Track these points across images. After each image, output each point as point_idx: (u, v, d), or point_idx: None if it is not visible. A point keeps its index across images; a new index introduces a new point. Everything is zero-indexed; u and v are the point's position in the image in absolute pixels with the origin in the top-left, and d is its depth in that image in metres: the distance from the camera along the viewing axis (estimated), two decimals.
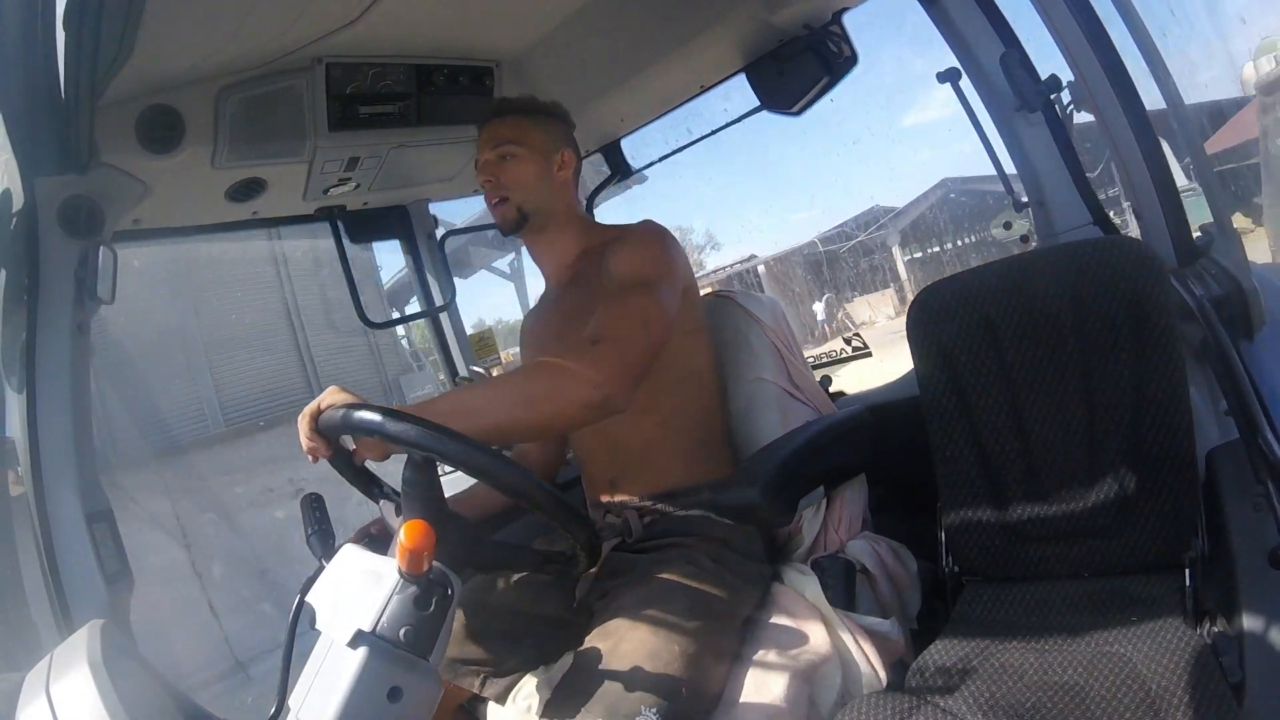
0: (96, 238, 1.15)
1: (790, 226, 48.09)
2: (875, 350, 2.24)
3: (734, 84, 1.72)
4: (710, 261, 19.23)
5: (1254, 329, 1.15)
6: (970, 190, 15.51)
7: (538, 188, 1.32)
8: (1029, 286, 1.18)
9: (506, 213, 1.31)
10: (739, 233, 47.31)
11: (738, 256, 18.98)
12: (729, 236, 45.04)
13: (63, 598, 1.04)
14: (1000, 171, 1.39)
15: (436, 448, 0.83)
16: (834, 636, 1.07)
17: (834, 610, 1.08)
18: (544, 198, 1.32)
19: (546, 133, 1.34)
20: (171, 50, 1.14)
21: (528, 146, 1.31)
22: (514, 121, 1.32)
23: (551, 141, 1.34)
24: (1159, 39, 1.29)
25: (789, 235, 45.96)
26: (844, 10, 1.52)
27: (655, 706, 0.91)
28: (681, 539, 1.15)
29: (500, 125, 1.32)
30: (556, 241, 1.36)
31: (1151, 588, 1.06)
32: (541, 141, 1.33)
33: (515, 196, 1.30)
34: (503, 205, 1.31)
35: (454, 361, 2.10)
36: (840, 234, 16.66)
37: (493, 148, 1.31)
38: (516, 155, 1.31)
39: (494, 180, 1.30)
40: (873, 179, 42.63)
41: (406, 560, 0.75)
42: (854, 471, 1.29)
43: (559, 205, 1.34)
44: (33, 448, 1.07)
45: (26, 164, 1.07)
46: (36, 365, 1.08)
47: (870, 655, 1.06)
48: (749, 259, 16.83)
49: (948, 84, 1.34)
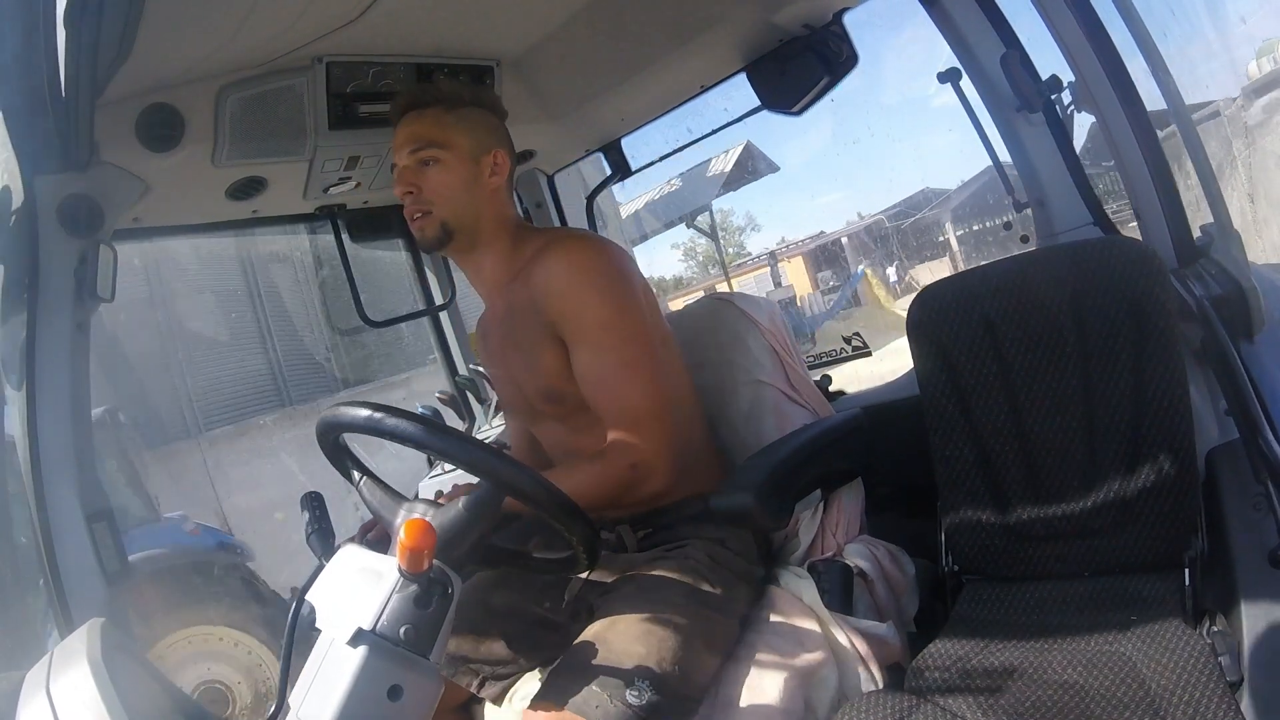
0: (96, 236, 1.16)
1: (818, 209, 48.67)
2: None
3: (734, 83, 1.72)
4: (750, 243, 21.05)
5: (1254, 329, 1.15)
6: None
7: (464, 199, 1.14)
8: (1029, 286, 1.18)
9: (427, 228, 1.14)
10: (776, 215, 47.72)
11: (777, 238, 22.52)
12: (768, 218, 45.43)
13: (63, 597, 1.04)
14: (1000, 171, 1.39)
15: (438, 445, 0.83)
16: (831, 640, 1.07)
17: (831, 614, 1.08)
18: (471, 210, 1.15)
19: (474, 130, 1.16)
20: (171, 49, 1.14)
21: (453, 150, 1.14)
22: (435, 117, 1.14)
23: (480, 142, 1.16)
24: (1159, 39, 1.29)
25: (820, 217, 48.32)
26: (844, 10, 1.52)
27: (647, 679, 0.91)
28: (679, 543, 1.15)
29: (419, 122, 1.14)
30: (485, 259, 1.19)
31: (1151, 587, 1.06)
32: (469, 143, 1.15)
33: (439, 211, 1.13)
34: (423, 219, 1.14)
35: (454, 361, 2.10)
36: (901, 212, 18.20)
37: (411, 150, 1.13)
38: (440, 160, 1.13)
39: (414, 191, 1.13)
40: (903, 163, 44.21)
41: (407, 559, 0.75)
42: (850, 475, 1.29)
43: (488, 217, 1.17)
44: (33, 447, 1.07)
45: (27, 162, 1.07)
46: (36, 364, 1.08)
47: (867, 658, 1.06)
48: (819, 235, 19.96)
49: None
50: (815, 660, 1.05)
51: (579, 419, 1.16)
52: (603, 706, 0.89)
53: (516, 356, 1.18)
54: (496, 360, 1.27)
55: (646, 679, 0.91)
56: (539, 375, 1.15)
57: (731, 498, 1.08)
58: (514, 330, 1.17)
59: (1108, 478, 1.11)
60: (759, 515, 1.06)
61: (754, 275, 18.26)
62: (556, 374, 1.13)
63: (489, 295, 1.24)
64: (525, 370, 1.17)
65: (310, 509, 0.98)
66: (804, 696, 1.03)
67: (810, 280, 18.25)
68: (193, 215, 1.57)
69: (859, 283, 14.78)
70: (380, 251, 2.03)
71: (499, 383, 1.32)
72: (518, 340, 1.16)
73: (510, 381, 1.24)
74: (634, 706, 0.89)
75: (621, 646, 0.95)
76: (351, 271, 1.87)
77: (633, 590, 1.06)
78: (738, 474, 1.14)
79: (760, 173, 14.21)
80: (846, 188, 49.19)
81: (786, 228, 47.14)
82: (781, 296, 14.91)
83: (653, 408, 1.08)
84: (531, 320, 1.13)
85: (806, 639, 1.06)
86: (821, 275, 18.38)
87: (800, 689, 1.02)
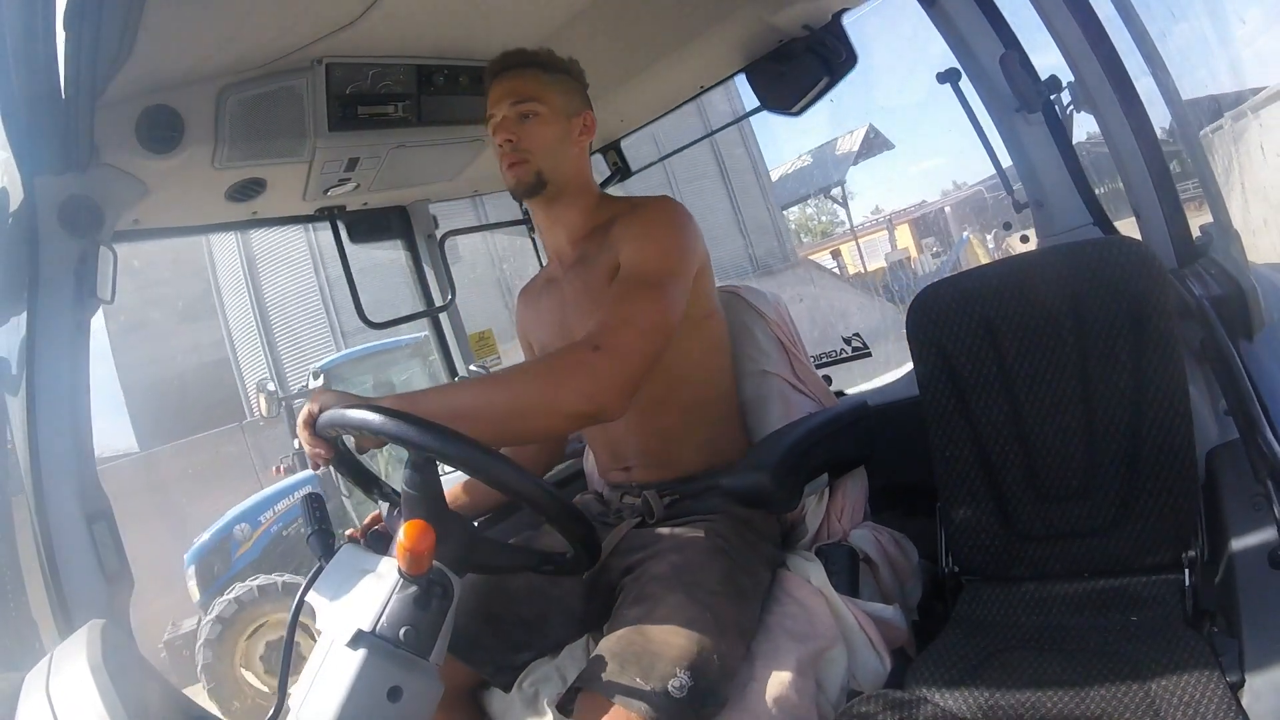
0: (96, 237, 1.15)
1: (910, 179, 50.22)
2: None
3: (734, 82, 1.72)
4: (842, 213, 22.31)
5: (1253, 329, 1.15)
6: (1096, 152, 17.78)
7: (558, 151, 1.23)
8: (1029, 287, 1.18)
9: (523, 175, 1.21)
10: (868, 184, 48.54)
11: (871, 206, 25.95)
12: (858, 186, 45.75)
13: (63, 598, 1.04)
14: (1000, 171, 1.39)
15: (436, 446, 0.83)
16: (839, 622, 1.09)
17: (839, 596, 1.10)
18: (564, 163, 1.24)
19: (567, 93, 1.26)
20: (171, 50, 1.14)
21: (550, 106, 1.22)
22: (534, 76, 1.23)
23: (572, 103, 1.26)
24: (1159, 40, 1.29)
25: (918, 185, 50.75)
26: (844, 11, 1.52)
27: (689, 671, 0.92)
28: (706, 515, 1.16)
29: (520, 80, 1.22)
30: (568, 213, 1.27)
31: (1151, 587, 1.06)
32: (563, 103, 1.24)
33: (535, 160, 1.21)
34: (520, 167, 1.21)
35: (454, 361, 2.10)
36: (999, 183, 20.19)
37: (512, 103, 1.21)
38: (539, 114, 1.21)
39: (513, 139, 1.20)
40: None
41: (406, 560, 0.75)
42: (856, 461, 1.31)
43: (576, 171, 1.26)
44: (33, 447, 1.06)
45: (27, 163, 1.07)
46: (36, 364, 1.07)
47: (875, 640, 1.08)
48: (920, 204, 23.25)
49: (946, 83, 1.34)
50: (826, 642, 1.06)
51: None
52: (648, 699, 0.90)
53: (589, 304, 1.21)
54: (550, 318, 1.31)
55: (687, 670, 0.92)
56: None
57: (746, 476, 1.10)
58: (587, 276, 1.22)
59: (1107, 478, 1.12)
60: (775, 494, 1.08)
61: (874, 238, 20.24)
62: None
63: (561, 247, 1.30)
64: (593, 310, 1.18)
65: (310, 510, 0.97)
66: (815, 675, 1.04)
67: (915, 244, 19.99)
68: (193, 217, 1.57)
69: (964, 248, 15.98)
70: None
71: (550, 348, 1.32)
72: (591, 285, 1.21)
73: (567, 335, 1.26)
74: (677, 699, 0.90)
75: (661, 636, 0.96)
76: (351, 272, 1.87)
77: (667, 571, 1.06)
78: (750, 455, 1.15)
79: (880, 149, 17.41)
80: (942, 155, 49.94)
81: (886, 195, 49.11)
82: (897, 258, 17.60)
83: (642, 327, 1.04)
84: (607, 260, 1.18)
85: (817, 620, 1.08)
86: (926, 241, 20.19)
87: (813, 669, 1.04)
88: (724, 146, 13.56)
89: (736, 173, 14.36)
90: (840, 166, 16.92)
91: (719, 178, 13.99)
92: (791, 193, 17.73)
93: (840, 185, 17.34)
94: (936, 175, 55.94)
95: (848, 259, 18.68)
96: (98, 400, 1.16)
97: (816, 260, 16.91)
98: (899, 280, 15.26)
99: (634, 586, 1.07)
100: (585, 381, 0.96)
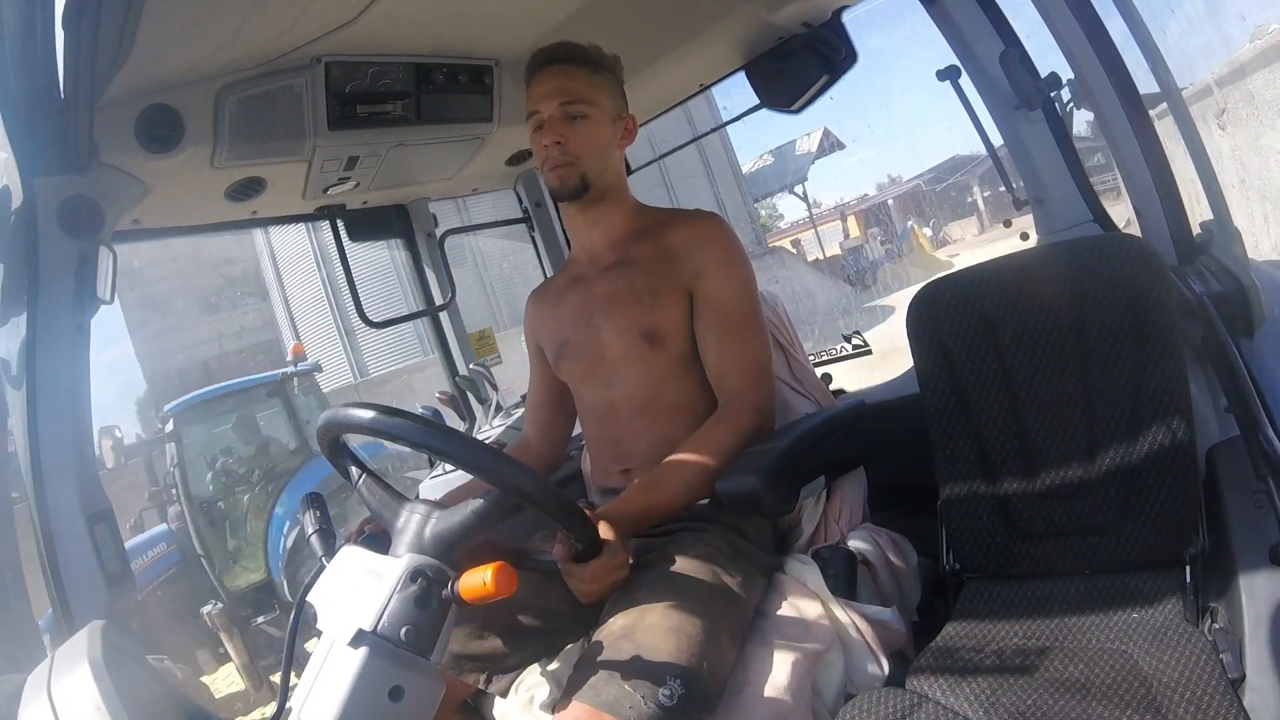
0: (96, 237, 1.15)
1: (850, 168, 52.79)
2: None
3: (735, 81, 1.73)
4: (781, 207, 26.19)
5: (1254, 326, 1.15)
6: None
7: (605, 155, 1.21)
8: (1029, 284, 1.18)
9: (569, 178, 1.19)
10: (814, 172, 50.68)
11: (825, 198, 29.87)
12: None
13: (63, 598, 1.04)
14: (1000, 169, 1.39)
15: (436, 445, 0.83)
16: (836, 625, 1.08)
17: (836, 599, 1.09)
18: (610, 167, 1.22)
19: (614, 95, 1.24)
20: (171, 50, 1.14)
21: (599, 108, 1.20)
22: (585, 76, 1.20)
23: (617, 105, 1.24)
24: (1159, 37, 1.29)
25: (855, 175, 53.96)
26: (843, 9, 1.52)
27: (679, 678, 0.91)
28: (696, 523, 1.16)
29: (570, 78, 1.19)
30: (608, 215, 1.26)
31: (1152, 584, 1.06)
32: (611, 105, 1.22)
33: (583, 163, 1.19)
34: (566, 170, 1.18)
35: (454, 360, 2.11)
36: (935, 177, 24.59)
37: (561, 103, 1.18)
38: (589, 116, 1.19)
39: (561, 142, 1.17)
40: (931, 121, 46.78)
41: (470, 593, 0.76)
42: (854, 463, 1.30)
43: (617, 174, 1.25)
44: (33, 448, 1.06)
45: (26, 164, 1.07)
46: (36, 365, 1.07)
47: (872, 644, 1.07)
48: (864, 197, 26.96)
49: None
50: (822, 645, 1.05)
51: (668, 368, 1.23)
52: (636, 707, 0.89)
53: (627, 301, 1.23)
54: (573, 315, 1.30)
55: (677, 677, 0.91)
56: (654, 312, 1.21)
57: (739, 481, 1.08)
58: (632, 279, 1.23)
59: (1108, 475, 1.11)
60: (766, 499, 1.06)
61: (828, 227, 23.24)
62: (669, 318, 1.21)
63: (595, 248, 1.29)
64: (637, 312, 1.22)
65: (311, 510, 0.97)
66: (811, 681, 1.03)
67: (863, 234, 22.64)
68: (192, 216, 1.57)
69: (908, 236, 19.32)
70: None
71: (570, 345, 1.31)
72: (634, 285, 1.22)
73: (594, 337, 1.26)
74: (666, 707, 0.89)
75: (650, 643, 0.95)
76: (351, 272, 1.87)
77: (655, 580, 1.05)
78: (744, 459, 1.14)
79: (834, 149, 20.19)
80: (875, 148, 51.61)
81: (830, 187, 52.08)
82: (853, 245, 20.58)
83: (767, 364, 1.20)
84: (661, 269, 1.21)
85: (813, 625, 1.07)
86: (871, 230, 22.78)
87: (808, 673, 1.03)
88: (705, 145, 14.86)
89: (718, 170, 15.87)
90: (801, 164, 19.52)
91: (705, 176, 15.66)
92: (761, 188, 20.04)
93: (803, 181, 20.00)
94: (873, 166, 60.93)
95: (805, 247, 21.71)
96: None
97: (785, 247, 19.71)
98: (855, 264, 18.11)
99: (624, 593, 1.06)
100: (759, 434, 1.16)
